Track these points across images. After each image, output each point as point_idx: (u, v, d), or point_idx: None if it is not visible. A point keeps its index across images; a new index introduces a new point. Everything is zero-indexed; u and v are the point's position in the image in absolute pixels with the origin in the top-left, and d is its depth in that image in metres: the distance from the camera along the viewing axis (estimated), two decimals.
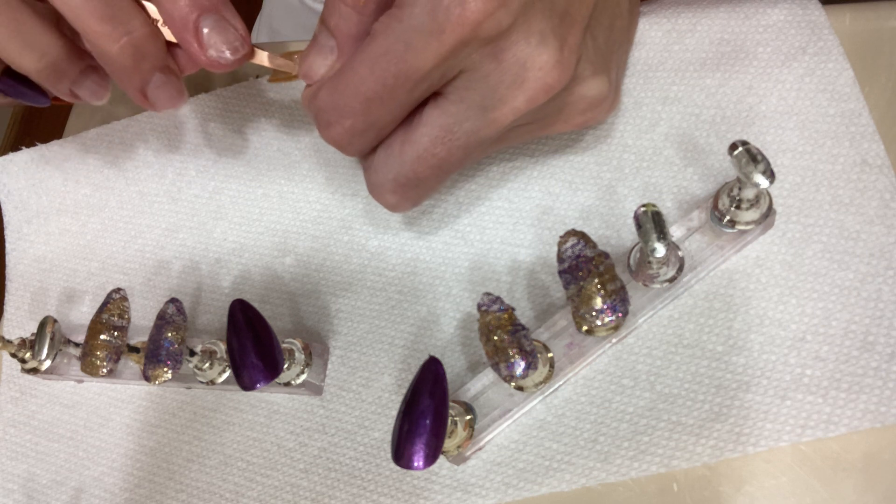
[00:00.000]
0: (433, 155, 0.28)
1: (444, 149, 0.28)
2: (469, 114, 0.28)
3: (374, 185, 0.31)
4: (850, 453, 0.29)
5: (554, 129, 0.31)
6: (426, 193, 0.31)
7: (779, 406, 0.29)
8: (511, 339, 0.28)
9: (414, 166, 0.29)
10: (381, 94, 0.27)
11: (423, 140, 0.28)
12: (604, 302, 0.28)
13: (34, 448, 0.39)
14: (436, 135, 0.28)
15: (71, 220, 0.42)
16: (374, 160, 0.30)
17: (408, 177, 0.29)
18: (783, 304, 0.31)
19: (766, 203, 0.30)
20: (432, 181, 0.30)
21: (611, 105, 0.31)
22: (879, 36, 0.34)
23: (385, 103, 0.27)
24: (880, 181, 0.31)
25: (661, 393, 0.31)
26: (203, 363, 0.34)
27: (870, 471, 0.28)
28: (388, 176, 0.30)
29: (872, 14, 0.34)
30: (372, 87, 0.27)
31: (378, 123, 0.28)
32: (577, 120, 0.31)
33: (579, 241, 0.28)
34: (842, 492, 0.28)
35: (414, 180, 0.29)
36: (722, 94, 0.34)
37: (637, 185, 0.34)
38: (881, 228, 0.31)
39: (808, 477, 0.29)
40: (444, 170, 0.29)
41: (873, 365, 0.29)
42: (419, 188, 0.30)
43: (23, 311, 0.42)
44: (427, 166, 0.29)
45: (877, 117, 0.32)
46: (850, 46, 0.33)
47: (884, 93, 0.33)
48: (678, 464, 0.30)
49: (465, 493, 0.32)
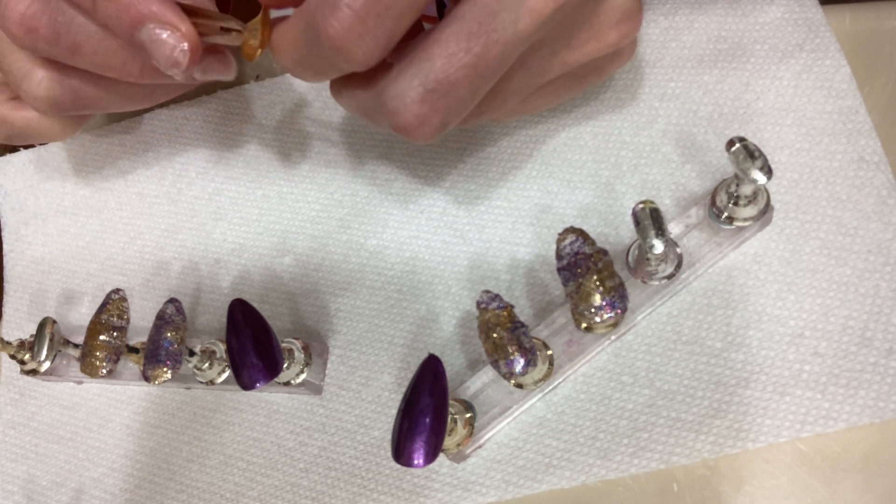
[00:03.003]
0: (468, 51, 0.24)
1: (480, 44, 0.24)
2: (506, 2, 0.24)
3: (394, 96, 0.25)
4: (850, 453, 0.29)
5: (586, 50, 0.28)
6: (457, 108, 0.26)
7: (778, 402, 0.29)
8: (510, 337, 0.28)
9: (445, 66, 0.25)
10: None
11: (454, 35, 0.24)
12: (602, 298, 0.28)
13: (34, 450, 0.39)
14: (469, 29, 0.24)
15: (70, 222, 0.42)
16: (394, 68, 0.26)
17: (437, 79, 0.25)
18: (781, 300, 0.31)
19: (763, 199, 0.30)
20: (465, 88, 0.25)
21: (639, 23, 0.29)
22: (879, 36, 0.34)
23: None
24: (877, 178, 0.31)
25: (661, 389, 0.31)
26: (202, 363, 0.34)
27: (870, 471, 0.28)
28: (413, 82, 0.25)
29: (872, 14, 0.34)
30: None
31: (396, 6, 0.23)
32: (609, 35, 0.28)
33: (577, 238, 0.28)
34: (842, 492, 0.28)
35: (445, 84, 0.25)
36: (719, 91, 0.34)
37: (635, 182, 0.34)
38: (878, 225, 0.31)
39: (808, 477, 0.29)
40: (478, 73, 0.25)
41: (871, 360, 0.29)
42: (450, 97, 0.25)
43: (22, 312, 0.42)
44: (460, 65, 0.25)
45: (877, 117, 0.32)
46: (850, 46, 0.33)
47: (884, 93, 0.33)
48: (678, 460, 0.30)
49: (465, 490, 0.32)
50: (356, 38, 0.24)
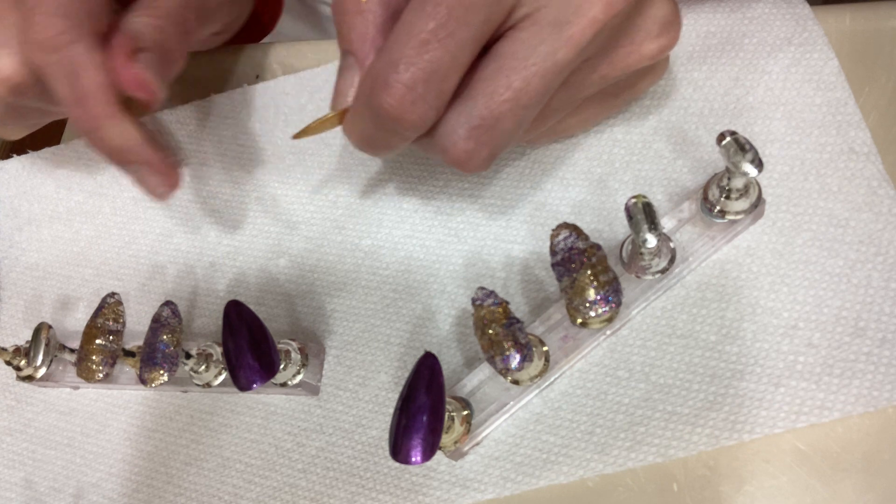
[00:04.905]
0: (507, 87, 0.26)
1: (519, 78, 0.25)
2: (543, 34, 0.25)
3: (444, 135, 0.27)
4: (850, 453, 0.28)
5: (626, 63, 0.28)
6: (504, 140, 0.27)
7: (773, 393, 0.29)
8: (506, 333, 0.28)
9: (487, 102, 0.26)
10: (437, 32, 0.24)
11: (493, 73, 0.26)
12: (597, 293, 0.28)
13: (31, 456, 0.38)
14: (506, 65, 0.25)
15: (64, 227, 0.42)
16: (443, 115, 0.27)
17: (482, 116, 0.26)
18: (775, 292, 0.31)
19: (755, 193, 0.30)
20: (509, 121, 0.26)
21: (678, 32, 0.29)
22: (879, 36, 0.34)
23: (443, 42, 0.25)
24: (867, 169, 0.31)
25: (656, 383, 0.31)
26: (199, 366, 0.34)
27: (870, 471, 0.28)
28: (460, 120, 0.27)
29: (872, 14, 0.34)
30: (424, 27, 0.24)
31: (440, 71, 0.25)
32: (650, 47, 0.28)
33: (571, 234, 0.28)
34: (842, 492, 0.28)
35: (489, 120, 0.26)
36: (709, 87, 0.34)
37: (627, 178, 0.34)
38: (869, 215, 0.31)
39: (808, 477, 0.29)
40: (521, 104, 0.26)
41: (865, 350, 0.29)
42: (495, 130, 0.27)
43: (17, 319, 0.42)
44: (502, 100, 0.26)
45: (877, 117, 0.32)
46: (850, 46, 0.33)
47: (884, 93, 0.33)
48: (675, 453, 0.30)
49: (463, 488, 0.32)
50: (410, 105, 0.26)
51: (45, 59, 0.30)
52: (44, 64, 0.30)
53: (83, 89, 0.30)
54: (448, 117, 0.27)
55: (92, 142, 0.31)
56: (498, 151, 0.28)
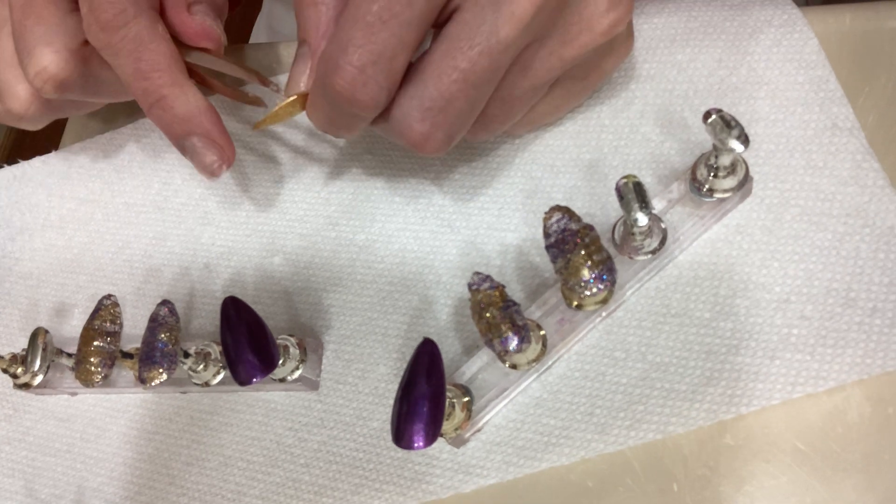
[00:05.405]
0: (454, 68, 0.26)
1: (465, 58, 0.26)
2: (485, 14, 0.26)
3: (398, 118, 0.28)
4: (850, 453, 0.28)
5: (581, 42, 0.28)
6: (458, 121, 0.28)
7: (768, 366, 0.30)
8: (503, 315, 0.28)
9: (437, 84, 0.27)
10: (381, 14, 0.25)
11: (441, 55, 0.26)
12: (591, 272, 0.28)
13: (31, 464, 0.38)
14: (452, 46, 0.26)
15: (57, 235, 0.42)
16: (395, 98, 0.28)
17: (432, 97, 0.27)
18: (766, 267, 0.31)
19: (742, 170, 0.31)
20: (460, 101, 0.27)
21: (629, 8, 0.29)
22: (879, 36, 0.34)
23: (388, 24, 0.25)
24: (851, 143, 0.32)
25: (653, 362, 0.31)
26: (197, 364, 0.34)
27: (870, 471, 0.28)
28: (412, 103, 0.27)
29: (872, 14, 0.34)
30: (369, 9, 0.25)
31: (386, 52, 0.26)
32: (601, 24, 0.28)
33: (564, 216, 0.29)
34: (842, 492, 0.28)
35: (440, 101, 0.27)
36: (693, 69, 0.35)
37: (617, 163, 0.35)
38: (855, 189, 0.31)
39: (808, 477, 0.29)
40: (470, 84, 0.27)
41: (856, 320, 0.30)
42: (448, 112, 0.27)
43: (12, 329, 0.42)
44: (451, 81, 0.26)
45: (876, 117, 0.32)
46: (850, 46, 0.34)
47: (884, 93, 0.33)
48: (674, 429, 0.30)
49: (466, 474, 0.32)
50: (361, 87, 0.26)
51: (110, 39, 0.31)
52: (109, 44, 0.31)
53: (150, 61, 0.31)
54: (401, 101, 0.28)
55: (156, 114, 0.32)
56: (454, 132, 0.28)
